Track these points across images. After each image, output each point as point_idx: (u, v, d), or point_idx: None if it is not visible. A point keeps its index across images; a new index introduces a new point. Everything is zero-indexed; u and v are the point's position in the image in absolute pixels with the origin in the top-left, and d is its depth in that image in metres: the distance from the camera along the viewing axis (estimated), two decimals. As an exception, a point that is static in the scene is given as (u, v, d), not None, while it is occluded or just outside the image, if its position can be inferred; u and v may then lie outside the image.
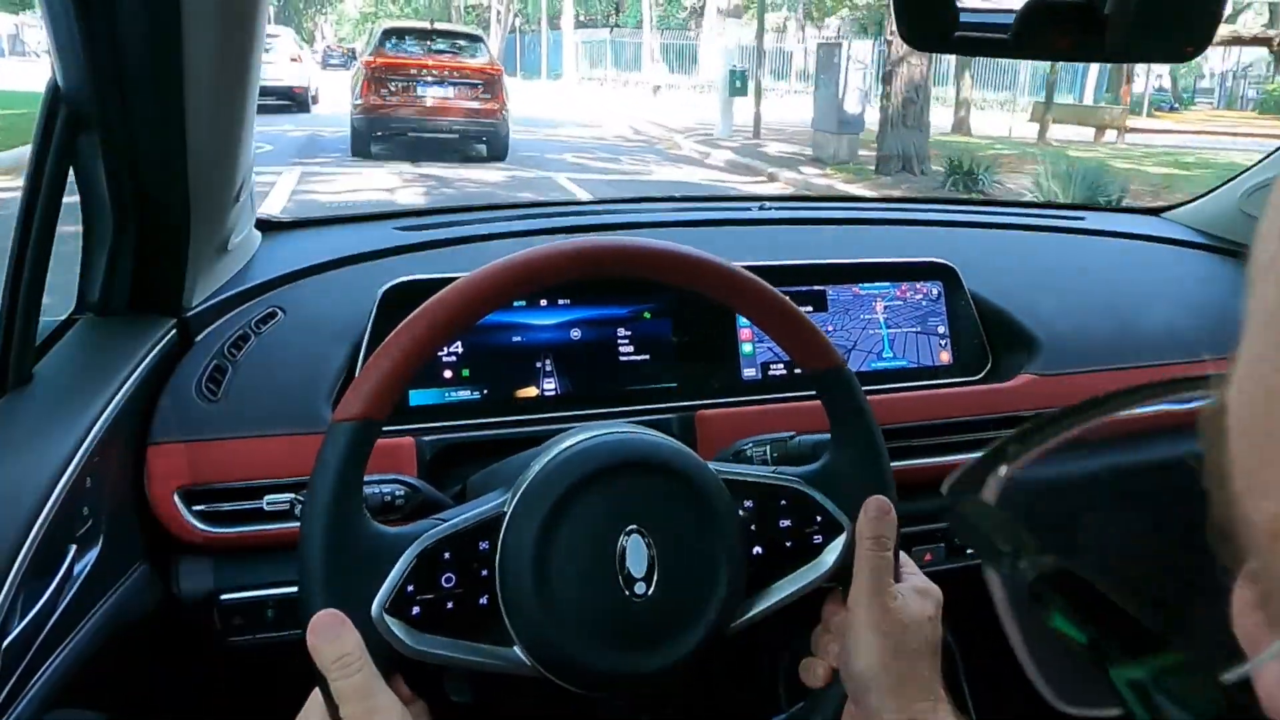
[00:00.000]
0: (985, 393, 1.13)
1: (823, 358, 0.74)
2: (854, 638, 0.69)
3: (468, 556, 0.66)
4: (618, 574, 0.67)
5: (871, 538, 0.72)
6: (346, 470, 0.62)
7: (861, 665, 0.68)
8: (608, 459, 0.69)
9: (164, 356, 0.92)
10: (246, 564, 0.91)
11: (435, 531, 0.65)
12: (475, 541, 0.67)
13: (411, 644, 0.63)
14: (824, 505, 0.75)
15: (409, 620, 0.64)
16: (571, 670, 0.66)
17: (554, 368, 1.02)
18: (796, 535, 0.75)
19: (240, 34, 0.78)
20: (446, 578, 0.65)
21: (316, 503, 0.62)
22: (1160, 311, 1.28)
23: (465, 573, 0.66)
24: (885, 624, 0.68)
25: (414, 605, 0.64)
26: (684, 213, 1.40)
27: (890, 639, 0.68)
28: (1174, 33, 0.72)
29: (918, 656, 0.68)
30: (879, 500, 0.73)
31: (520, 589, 0.65)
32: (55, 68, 0.76)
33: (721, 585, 0.69)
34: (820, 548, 0.75)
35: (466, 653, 0.66)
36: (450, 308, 0.66)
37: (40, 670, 0.68)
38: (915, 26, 0.76)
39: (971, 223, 1.45)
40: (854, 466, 0.76)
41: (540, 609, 0.65)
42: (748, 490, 0.74)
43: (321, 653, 0.60)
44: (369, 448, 0.64)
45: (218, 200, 0.92)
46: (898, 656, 0.67)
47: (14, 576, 0.64)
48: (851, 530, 0.74)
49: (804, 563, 0.74)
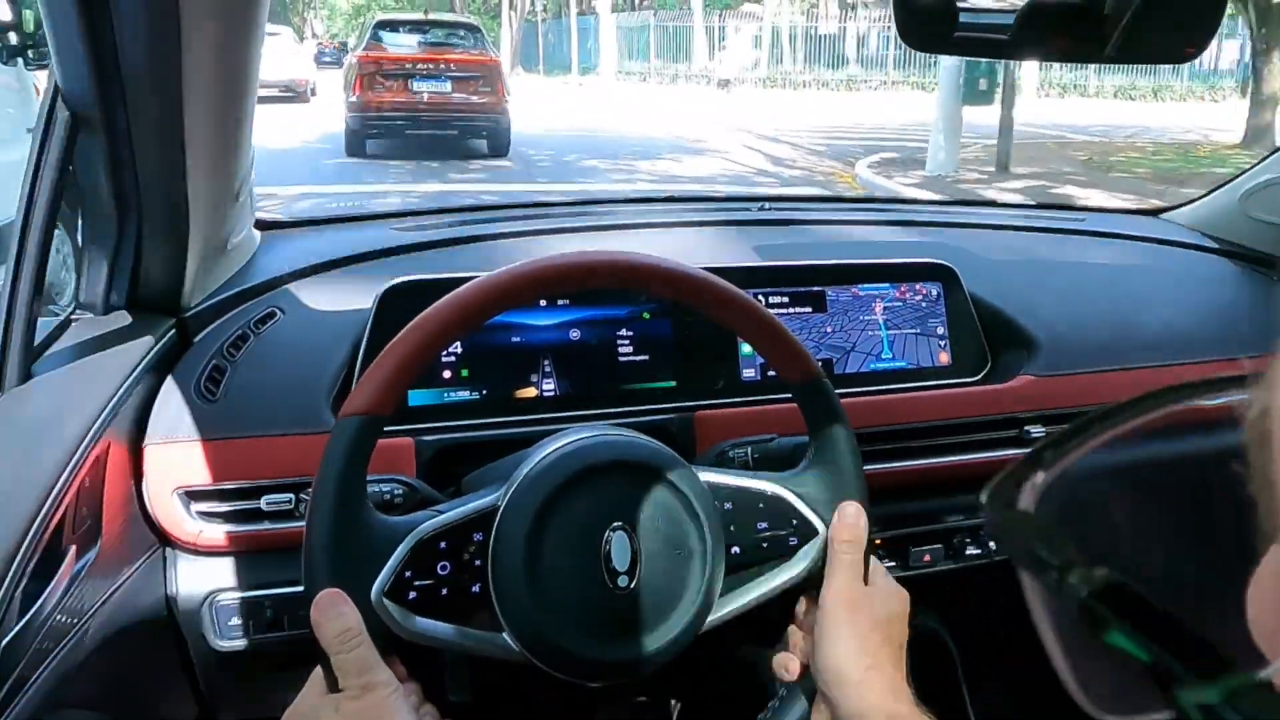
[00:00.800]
0: (984, 393, 1.13)
1: (801, 369, 0.78)
2: (822, 634, 0.72)
3: (462, 546, 0.70)
4: (602, 567, 0.70)
5: (845, 541, 0.76)
6: (352, 462, 0.66)
7: (829, 660, 0.71)
8: (596, 459, 0.73)
9: (163, 356, 0.92)
10: (245, 564, 0.91)
11: (432, 523, 0.69)
12: (470, 532, 0.70)
13: (407, 626, 0.67)
14: (799, 510, 0.79)
15: (406, 604, 0.68)
16: (557, 657, 0.70)
17: (553, 368, 1.02)
18: (772, 537, 0.79)
19: (240, 34, 0.78)
20: (442, 565, 0.69)
21: (323, 492, 0.65)
22: (1160, 312, 1.28)
23: (459, 561, 0.70)
24: (855, 622, 0.72)
25: (411, 590, 0.68)
26: (684, 213, 1.40)
27: (859, 637, 0.71)
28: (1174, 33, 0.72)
29: (885, 655, 0.71)
30: (853, 505, 0.77)
31: (511, 578, 0.69)
32: (55, 68, 0.76)
33: (699, 580, 0.73)
34: (795, 549, 0.79)
35: (458, 637, 0.69)
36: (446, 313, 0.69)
37: (39, 670, 0.68)
38: (915, 26, 0.76)
39: (971, 223, 1.45)
40: (830, 473, 0.80)
41: (529, 597, 0.69)
42: (728, 493, 0.78)
43: (324, 628, 0.63)
44: (374, 441, 0.67)
45: (218, 200, 0.92)
46: (863, 652, 0.70)
47: (13, 576, 0.64)
48: (825, 534, 0.78)
49: (779, 563, 0.78)
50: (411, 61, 9.47)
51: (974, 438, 1.11)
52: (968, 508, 1.12)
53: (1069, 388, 1.15)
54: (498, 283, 0.70)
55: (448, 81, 9.38)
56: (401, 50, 9.73)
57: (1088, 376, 1.16)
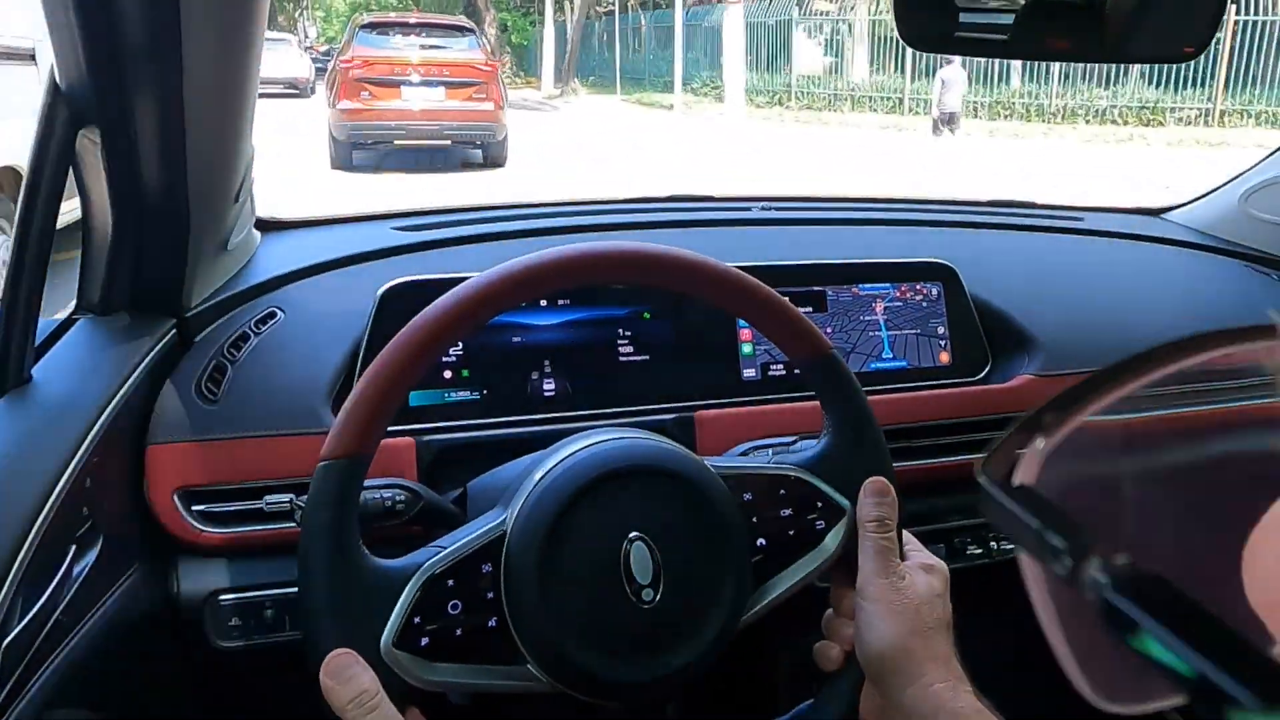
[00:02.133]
0: (984, 393, 1.13)
1: (812, 346, 0.75)
2: (865, 619, 0.69)
3: (472, 581, 0.65)
4: (624, 581, 0.66)
5: (873, 520, 0.72)
6: (339, 509, 0.62)
7: (876, 646, 0.68)
8: (606, 466, 0.69)
9: (163, 356, 0.92)
10: (245, 564, 0.91)
11: (437, 560, 0.65)
12: (478, 564, 0.66)
13: (423, 675, 0.63)
14: (824, 490, 0.74)
15: (418, 651, 0.63)
16: (587, 681, 0.66)
17: (553, 368, 1.02)
18: (798, 523, 0.74)
19: (240, 34, 0.78)
20: (452, 605, 0.65)
21: (314, 546, 0.61)
22: (1160, 312, 1.28)
23: (471, 598, 0.65)
24: (895, 603, 0.68)
25: (422, 636, 0.63)
26: (683, 213, 1.39)
27: (902, 618, 0.68)
28: (1173, 33, 0.72)
29: (931, 634, 0.68)
30: (878, 481, 0.74)
31: (527, 606, 0.65)
32: (55, 68, 0.76)
33: (729, 585, 0.69)
34: (823, 534, 0.75)
35: (480, 676, 0.65)
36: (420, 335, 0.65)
37: (40, 670, 0.68)
38: (915, 26, 0.76)
39: (971, 223, 1.45)
40: (850, 450, 0.76)
41: (549, 623, 0.65)
42: (746, 483, 0.74)
43: (337, 694, 0.59)
44: (359, 482, 0.64)
45: (218, 200, 0.92)
46: (912, 635, 0.67)
47: (13, 577, 0.64)
48: (853, 513, 0.74)
49: (807, 550, 0.74)
50: (401, 66, 8.79)
51: (974, 438, 1.11)
52: (968, 508, 1.12)
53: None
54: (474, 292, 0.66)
55: (440, 88, 8.78)
56: (390, 54, 8.98)
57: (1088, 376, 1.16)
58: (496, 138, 9.05)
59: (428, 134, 8.86)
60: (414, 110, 8.71)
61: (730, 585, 0.70)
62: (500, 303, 0.68)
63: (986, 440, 1.12)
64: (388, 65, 8.78)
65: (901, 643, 0.67)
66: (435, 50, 9.26)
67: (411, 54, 9.06)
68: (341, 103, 8.52)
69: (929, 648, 0.67)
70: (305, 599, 0.61)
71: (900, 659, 0.66)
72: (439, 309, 0.66)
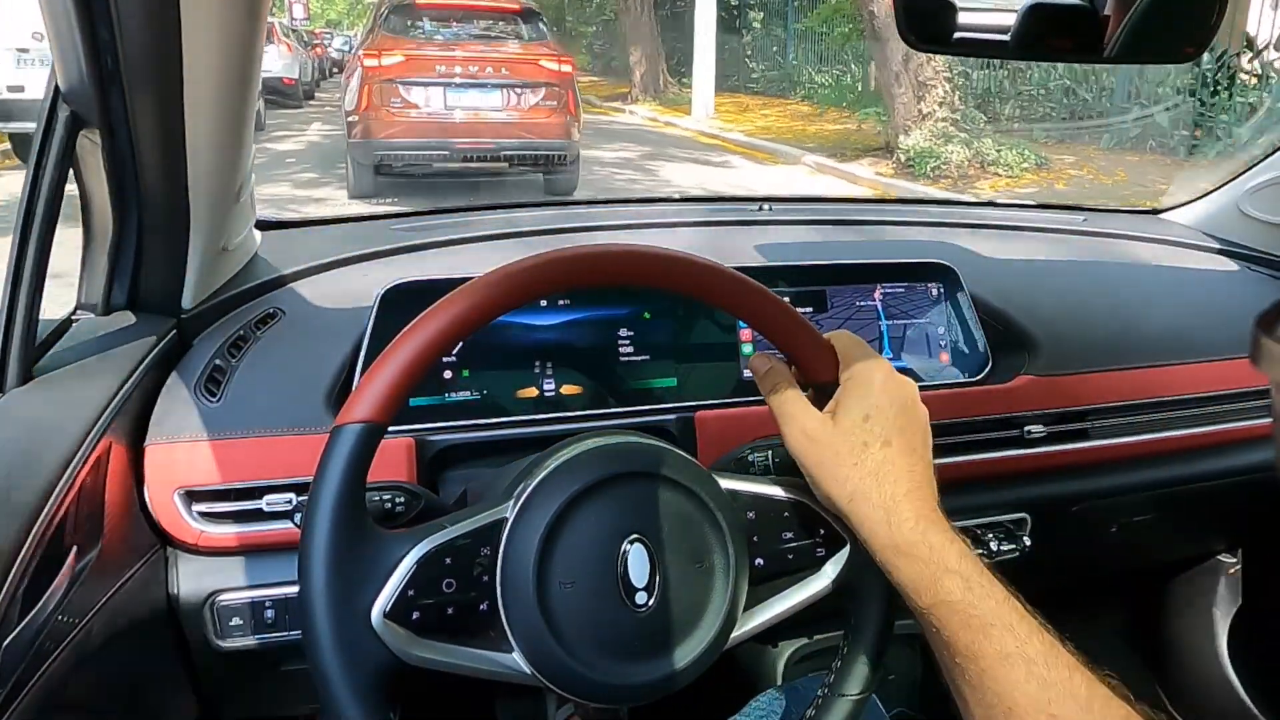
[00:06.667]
0: (984, 393, 1.13)
1: (829, 371, 0.74)
2: (810, 483, 0.69)
3: (468, 562, 0.66)
4: (619, 583, 0.66)
5: (762, 379, 0.73)
6: (350, 474, 0.62)
7: (831, 504, 0.67)
8: (610, 466, 0.68)
9: (164, 356, 0.92)
10: (245, 564, 0.91)
11: (437, 537, 0.65)
12: (476, 547, 0.66)
13: (411, 650, 0.63)
14: (827, 519, 0.74)
15: (409, 625, 0.63)
16: (570, 679, 0.66)
17: (554, 368, 1.02)
18: (798, 548, 0.74)
19: (240, 34, 0.78)
20: (447, 583, 0.65)
21: (319, 507, 0.62)
22: (1160, 312, 1.28)
23: (466, 578, 0.65)
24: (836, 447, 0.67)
25: (414, 610, 0.64)
26: (686, 213, 1.40)
27: (833, 478, 0.66)
28: (1173, 34, 0.72)
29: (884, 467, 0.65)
30: (756, 358, 0.75)
31: (520, 595, 0.65)
32: (55, 68, 0.76)
33: (722, 596, 0.69)
34: (822, 561, 0.74)
35: (466, 659, 0.65)
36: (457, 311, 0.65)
37: (40, 670, 0.68)
38: (915, 27, 0.76)
39: (972, 223, 1.45)
40: None
41: (540, 616, 0.65)
42: (750, 502, 0.73)
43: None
44: (373, 451, 0.63)
45: (218, 200, 0.92)
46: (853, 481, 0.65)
47: (14, 577, 0.64)
48: (854, 545, 0.73)
49: (805, 575, 0.74)
50: (443, 64, 6.54)
51: (974, 438, 1.11)
52: (969, 508, 1.12)
53: (1069, 388, 1.15)
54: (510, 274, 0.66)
55: (495, 93, 6.51)
56: (428, 49, 6.72)
57: (1088, 376, 1.16)
58: (568, 158, 6.77)
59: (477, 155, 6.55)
60: (459, 123, 6.44)
61: (725, 595, 0.69)
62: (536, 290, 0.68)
63: (986, 440, 1.12)
64: (425, 61, 6.54)
65: (848, 496, 0.65)
66: (488, 41, 6.98)
67: (457, 47, 6.81)
68: (362, 113, 6.30)
69: (880, 487, 0.65)
70: (304, 561, 0.61)
71: (860, 506, 0.65)
72: (483, 283, 0.65)
